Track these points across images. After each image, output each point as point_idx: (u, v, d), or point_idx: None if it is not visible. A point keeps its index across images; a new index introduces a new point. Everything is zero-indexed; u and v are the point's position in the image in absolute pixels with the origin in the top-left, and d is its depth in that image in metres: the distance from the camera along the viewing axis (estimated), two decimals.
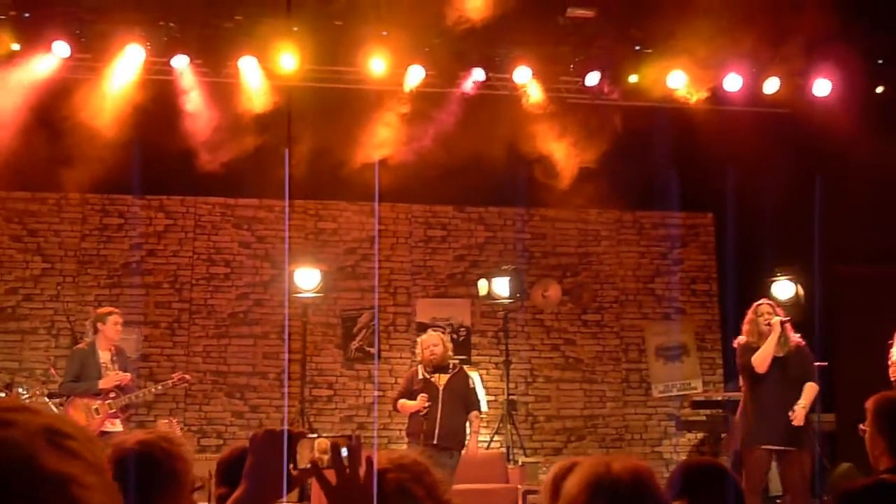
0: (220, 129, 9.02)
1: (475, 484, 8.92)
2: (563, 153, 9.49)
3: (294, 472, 1.88)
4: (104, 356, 7.85)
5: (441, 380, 7.78)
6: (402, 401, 7.85)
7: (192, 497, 2.17)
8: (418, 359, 7.98)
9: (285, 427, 1.87)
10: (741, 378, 7.28)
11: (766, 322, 7.00)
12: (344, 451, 1.90)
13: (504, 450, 9.89)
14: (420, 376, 7.83)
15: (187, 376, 8.59)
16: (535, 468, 9.41)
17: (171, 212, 10.54)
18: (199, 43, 8.90)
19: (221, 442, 9.86)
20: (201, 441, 10.02)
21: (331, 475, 1.80)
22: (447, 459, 7.63)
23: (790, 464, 6.83)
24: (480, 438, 10.39)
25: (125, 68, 8.83)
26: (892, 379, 7.09)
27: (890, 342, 7.26)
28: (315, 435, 1.92)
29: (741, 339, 7.13)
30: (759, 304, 7.17)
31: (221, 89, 9.11)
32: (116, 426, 7.67)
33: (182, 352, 10.25)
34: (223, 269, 10.51)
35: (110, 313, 7.98)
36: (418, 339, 8.24)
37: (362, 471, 1.84)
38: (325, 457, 1.89)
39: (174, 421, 8.54)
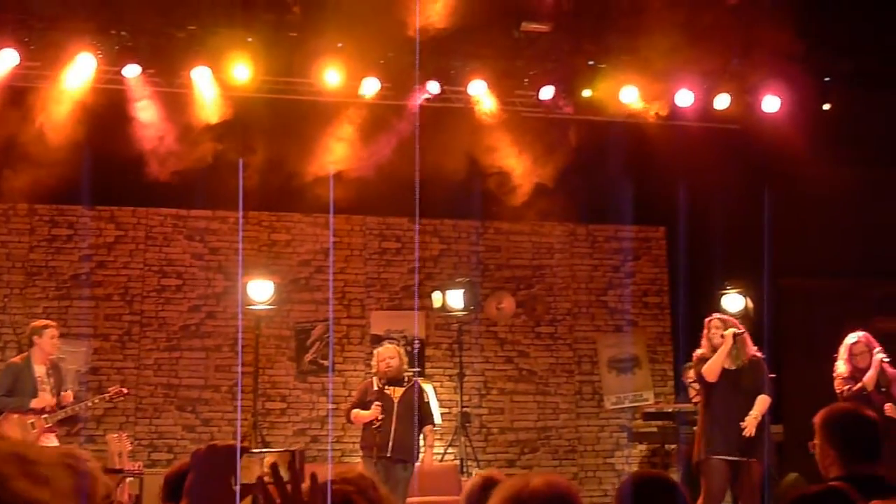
0: (172, 140, 8.94)
1: (429, 496, 8.91)
2: (517, 166, 9.55)
3: (235, 488, 1.86)
4: (39, 370, 7.69)
5: (396, 393, 7.79)
6: (355, 411, 7.84)
7: None
8: (373, 371, 7.98)
9: (239, 441, 1.85)
10: (698, 389, 7.37)
11: (720, 335, 7.10)
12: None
13: (458, 462, 9.89)
14: (374, 388, 7.83)
15: (124, 389, 8.47)
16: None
17: (121, 223, 10.40)
18: (151, 52, 8.82)
19: (172, 456, 9.73)
20: (152, 455, 9.88)
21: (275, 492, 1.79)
22: (401, 472, 7.63)
23: (742, 474, 6.93)
24: (434, 451, 10.41)
25: (76, 77, 8.71)
26: (838, 391, 7.21)
27: (835, 355, 7.39)
28: (260, 450, 1.92)
29: (698, 351, 7.23)
30: (710, 320, 7.26)
31: (174, 99, 9.03)
32: (52, 441, 7.53)
33: (132, 365, 10.12)
34: (175, 280, 10.40)
35: (46, 326, 7.78)
36: (374, 352, 8.24)
37: (305, 486, 1.84)
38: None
39: (123, 435, 8.40)
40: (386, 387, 7.79)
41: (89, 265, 10.24)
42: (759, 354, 7.19)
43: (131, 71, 8.84)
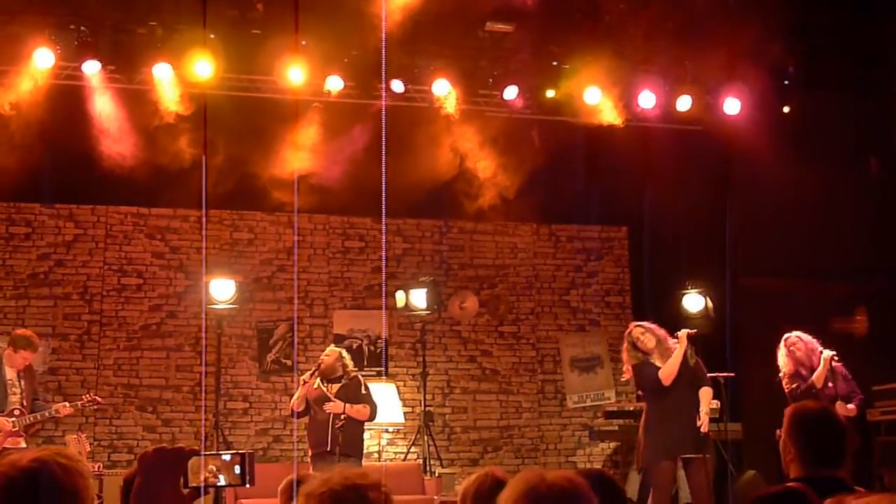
0: (132, 137, 8.84)
1: (393, 496, 8.89)
2: (480, 166, 9.56)
3: (184, 492, 1.85)
4: (10, 373, 7.62)
5: (333, 389, 7.94)
6: (292, 401, 8.09)
7: None
8: (306, 376, 8.07)
9: (203, 441, 1.84)
10: (643, 396, 7.38)
11: (655, 339, 7.11)
12: (237, 469, 1.89)
13: (420, 461, 9.88)
14: (315, 385, 7.98)
15: (98, 398, 8.37)
16: (451, 479, 9.42)
17: (80, 221, 10.27)
18: (111, 48, 8.71)
19: (132, 457, 9.63)
20: (112, 456, 9.77)
21: None
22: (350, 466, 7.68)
23: (695, 470, 6.97)
24: (396, 450, 10.43)
25: (33, 72, 8.57)
26: (787, 390, 7.26)
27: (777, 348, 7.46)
28: (209, 453, 1.90)
29: (628, 365, 7.21)
30: (630, 332, 7.29)
31: (135, 96, 8.93)
32: (20, 445, 7.42)
33: (92, 365, 10.00)
34: (135, 279, 10.29)
35: (30, 344, 7.79)
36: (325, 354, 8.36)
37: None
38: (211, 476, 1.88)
39: (83, 436, 8.30)
40: (325, 384, 7.92)
41: (48, 264, 10.10)
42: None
43: (91, 67, 8.72)
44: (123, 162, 8.74)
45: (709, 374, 7.42)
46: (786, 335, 7.45)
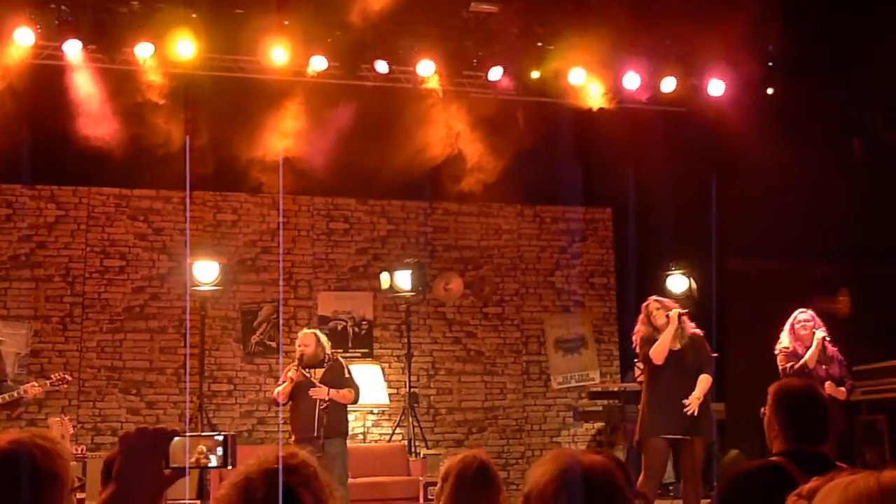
0: (114, 118, 8.76)
1: (377, 477, 8.93)
2: (465, 147, 9.54)
3: (166, 472, 1.83)
4: None
5: (317, 375, 7.91)
6: (277, 389, 8.01)
7: (72, 496, 2.08)
8: (293, 371, 7.98)
9: (188, 423, 1.83)
10: (643, 369, 7.41)
11: (666, 315, 7.15)
12: (219, 451, 1.88)
13: (405, 442, 9.90)
14: (297, 372, 7.95)
15: (67, 376, 8.31)
16: (436, 460, 9.44)
17: (62, 202, 10.20)
18: (92, 28, 8.61)
19: (116, 439, 9.58)
20: (95, 439, 9.74)
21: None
22: (334, 448, 7.72)
23: (685, 452, 7.02)
24: (381, 431, 10.44)
25: (13, 52, 8.47)
26: (780, 367, 7.31)
27: (781, 326, 7.50)
28: (191, 434, 1.89)
29: (638, 334, 7.26)
30: (648, 304, 7.30)
31: (117, 76, 8.85)
32: None
33: (74, 347, 9.95)
34: (118, 261, 10.23)
35: None
36: (299, 334, 8.28)
37: (240, 470, 1.84)
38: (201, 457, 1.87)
39: (66, 419, 8.26)
40: (307, 370, 7.89)
41: (29, 245, 10.02)
42: (699, 332, 7.27)
43: (72, 46, 8.63)
44: (105, 143, 8.65)
45: None
46: (797, 312, 7.46)
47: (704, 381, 7.10)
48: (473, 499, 3.15)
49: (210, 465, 1.91)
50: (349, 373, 8.13)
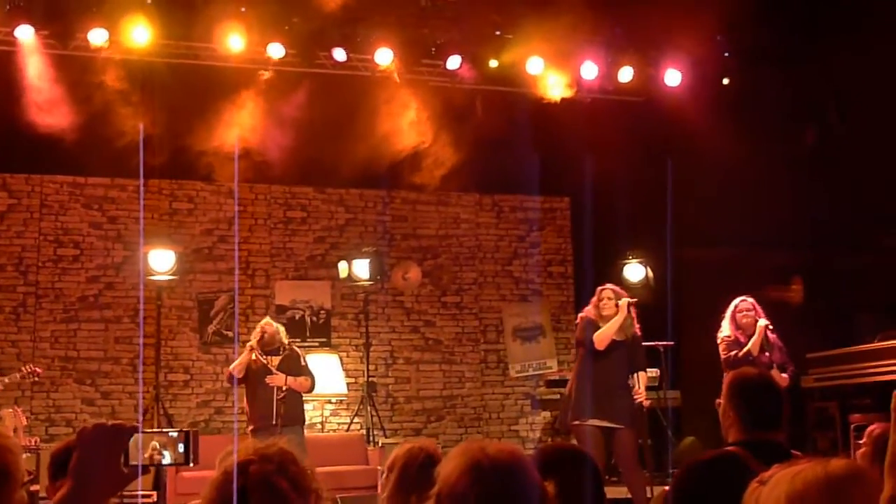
0: (68, 105, 8.62)
1: (335, 466, 8.91)
2: (423, 136, 9.52)
3: (125, 470, 1.81)
4: None
5: (273, 362, 7.93)
6: (233, 364, 7.97)
7: (22, 491, 2.05)
8: (254, 342, 7.97)
9: (141, 414, 1.81)
10: (578, 352, 7.41)
11: (615, 304, 7.17)
12: (181, 447, 1.86)
13: (364, 431, 9.90)
14: (254, 357, 7.93)
15: (38, 369, 8.21)
16: (394, 449, 9.45)
17: (14, 190, 10.02)
18: (45, 13, 8.47)
19: (71, 430, 9.47)
20: (49, 430, 9.61)
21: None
22: (293, 436, 7.72)
23: (621, 440, 7.02)
24: (339, 420, 10.43)
25: None
26: (723, 356, 7.37)
27: (720, 316, 7.57)
28: (151, 430, 1.87)
29: (583, 315, 7.27)
30: (603, 289, 7.31)
31: (70, 62, 8.71)
32: None
33: (28, 337, 9.80)
34: (72, 250, 10.09)
35: None
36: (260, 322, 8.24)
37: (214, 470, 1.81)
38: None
39: (19, 410, 8.15)
40: (264, 356, 7.90)
41: None
42: (639, 333, 7.33)
43: (24, 32, 8.48)
44: (59, 130, 8.51)
45: (649, 343, 7.44)
46: (738, 300, 7.52)
47: (645, 378, 7.21)
48: (417, 490, 3.14)
49: (164, 462, 1.89)
50: (305, 361, 8.14)
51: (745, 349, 7.29)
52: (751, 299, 7.51)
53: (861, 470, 1.67)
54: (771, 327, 7.42)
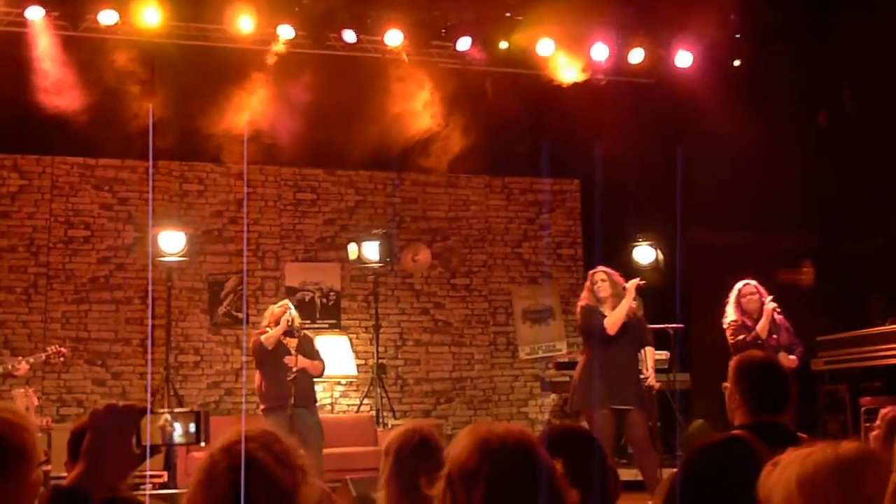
0: (78, 86, 8.63)
1: (344, 447, 8.95)
2: (433, 118, 9.50)
3: (137, 450, 1.83)
4: None
5: (291, 344, 7.98)
6: (266, 336, 7.91)
7: (39, 471, 2.07)
8: (266, 323, 7.98)
9: (149, 395, 1.83)
10: (586, 340, 7.36)
11: (607, 287, 7.10)
12: (192, 428, 1.88)
13: (373, 413, 9.94)
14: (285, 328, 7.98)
15: (63, 350, 8.29)
16: (391, 432, 9.48)
17: (25, 171, 10.05)
18: None
19: (82, 411, 9.54)
20: (60, 410, 9.68)
21: None
22: (308, 418, 7.82)
23: (633, 422, 7.00)
24: (349, 402, 10.48)
25: None
26: (731, 341, 7.35)
27: (726, 300, 7.56)
28: (164, 410, 1.89)
29: (582, 303, 7.23)
30: (595, 272, 7.24)
31: (80, 44, 8.72)
32: None
33: (39, 318, 9.85)
34: (83, 231, 10.12)
35: None
36: (272, 308, 8.23)
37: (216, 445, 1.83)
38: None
39: (30, 390, 8.20)
40: (284, 338, 7.95)
41: None
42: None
43: (35, 13, 8.50)
44: (69, 111, 8.53)
45: (658, 326, 7.43)
46: (741, 284, 7.49)
47: (652, 353, 7.19)
48: (413, 472, 3.14)
49: (175, 440, 1.90)
50: (315, 346, 8.23)
51: (754, 333, 7.28)
52: (754, 282, 7.49)
53: (872, 452, 1.67)
54: (778, 310, 7.40)
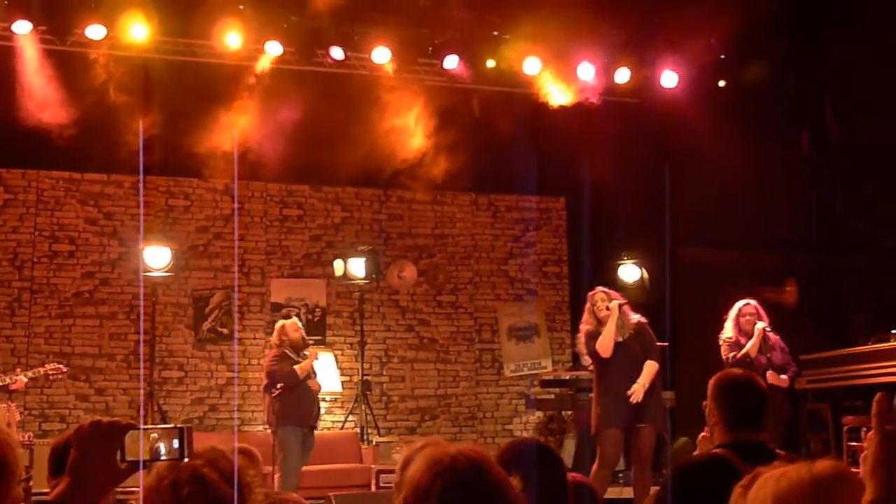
0: (65, 100, 8.62)
1: (329, 464, 8.93)
2: (420, 135, 9.53)
3: (122, 466, 1.83)
4: None
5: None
6: (300, 366, 8.00)
7: (20, 487, 2.06)
8: (276, 340, 8.06)
9: (142, 409, 1.83)
10: (592, 363, 7.45)
11: (606, 307, 7.18)
12: (175, 443, 1.89)
13: (358, 430, 9.91)
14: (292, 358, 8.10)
15: (63, 367, 8.27)
16: (388, 448, 9.47)
17: (10, 185, 10.02)
18: (42, 8, 8.48)
19: (64, 426, 9.48)
20: (43, 426, 9.61)
21: None
22: (312, 438, 8.00)
23: (636, 439, 7.08)
24: (333, 419, 10.46)
25: None
26: (724, 357, 7.44)
27: (725, 316, 7.62)
28: (145, 426, 1.88)
29: (584, 327, 7.29)
30: (594, 294, 7.31)
31: (68, 58, 8.72)
32: None
33: (22, 333, 9.79)
34: (67, 246, 10.08)
35: None
36: (285, 322, 8.29)
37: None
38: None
39: (13, 405, 8.15)
40: (297, 356, 8.08)
41: None
42: (643, 320, 7.33)
43: (22, 27, 8.48)
44: (55, 125, 8.51)
45: None
46: (742, 303, 7.57)
47: (649, 368, 7.15)
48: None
49: (161, 456, 1.90)
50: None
51: (744, 351, 7.35)
52: (754, 302, 7.58)
53: (846, 471, 1.69)
54: (770, 329, 7.46)
